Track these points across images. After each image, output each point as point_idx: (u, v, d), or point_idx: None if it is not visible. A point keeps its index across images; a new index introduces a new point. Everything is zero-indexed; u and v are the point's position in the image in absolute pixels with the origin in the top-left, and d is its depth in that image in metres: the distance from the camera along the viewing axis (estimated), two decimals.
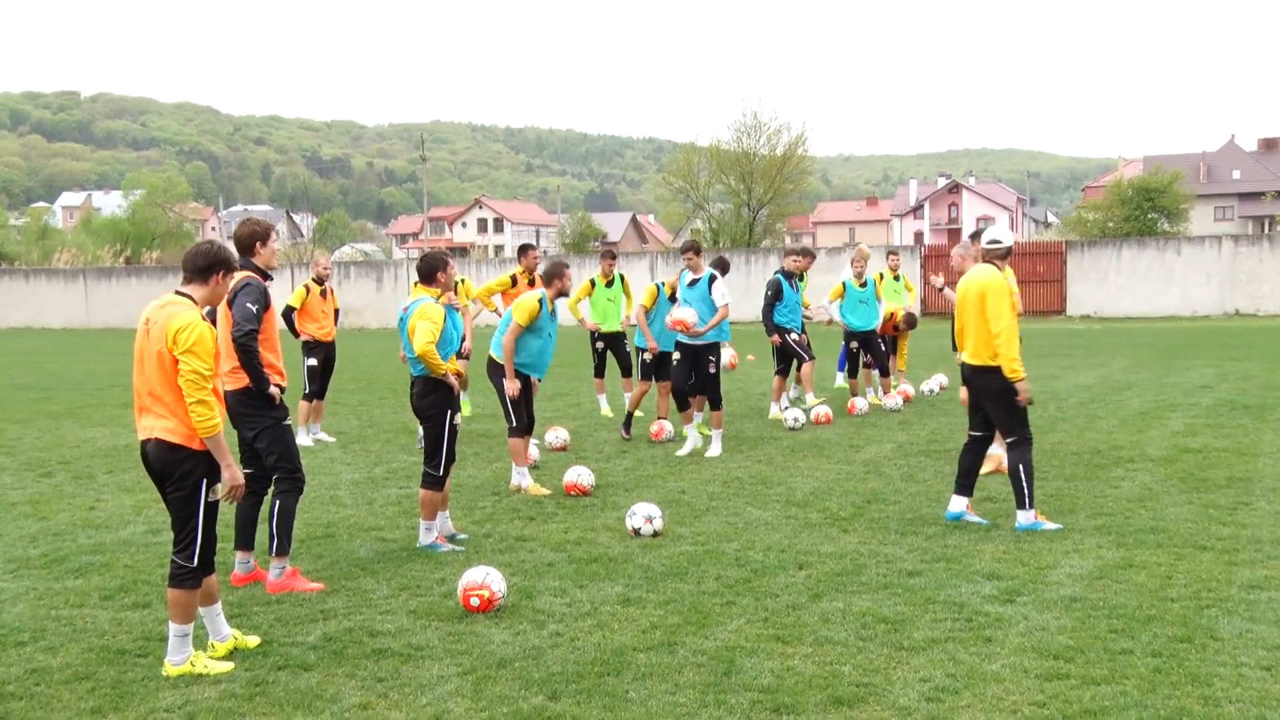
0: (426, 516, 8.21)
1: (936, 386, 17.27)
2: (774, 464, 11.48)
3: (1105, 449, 11.79)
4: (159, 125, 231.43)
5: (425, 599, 6.94)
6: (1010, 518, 8.68)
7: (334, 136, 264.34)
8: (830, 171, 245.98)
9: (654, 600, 6.77)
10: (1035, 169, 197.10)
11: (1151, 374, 19.50)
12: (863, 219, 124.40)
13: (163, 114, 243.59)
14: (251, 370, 7.03)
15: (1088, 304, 39.83)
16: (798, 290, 14.95)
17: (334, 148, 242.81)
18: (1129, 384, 17.95)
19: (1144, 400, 15.82)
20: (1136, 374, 19.39)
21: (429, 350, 7.95)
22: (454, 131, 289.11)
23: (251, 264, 7.27)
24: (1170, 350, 24.40)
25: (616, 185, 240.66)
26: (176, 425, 5.62)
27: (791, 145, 60.19)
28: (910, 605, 6.55)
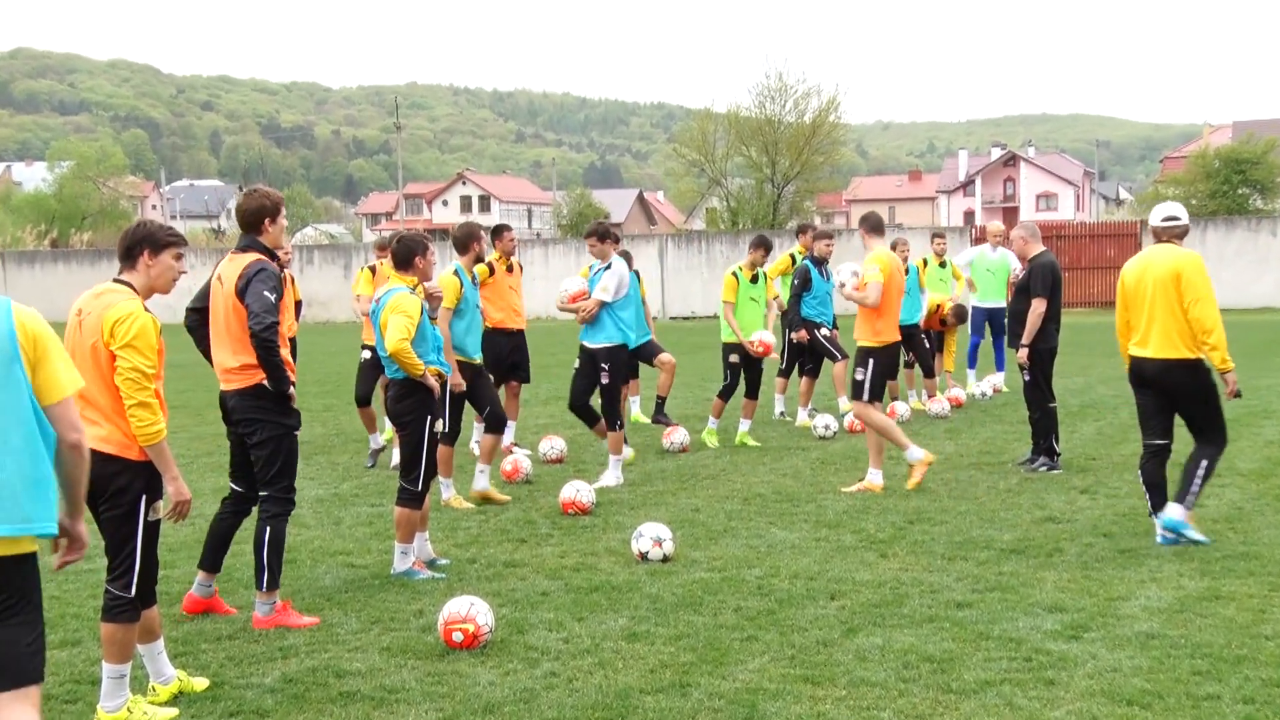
0: (402, 539, 8.22)
1: (989, 389, 17.26)
2: (802, 478, 11.48)
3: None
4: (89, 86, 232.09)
5: (400, 634, 6.95)
6: (1076, 541, 8.67)
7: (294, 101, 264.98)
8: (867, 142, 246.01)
9: (664, 635, 6.77)
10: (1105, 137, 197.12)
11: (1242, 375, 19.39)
12: (904, 196, 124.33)
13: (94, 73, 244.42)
14: (273, 368, 7.03)
15: None
16: (828, 279, 14.96)
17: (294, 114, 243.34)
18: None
19: (1232, 406, 15.76)
20: None
21: (403, 348, 7.97)
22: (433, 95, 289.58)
23: (259, 244, 7.21)
24: (1264, 347, 24.34)
25: (620, 158, 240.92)
26: (111, 432, 5.62)
27: (822, 111, 60.16)
28: (959, 642, 6.54)
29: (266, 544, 7.17)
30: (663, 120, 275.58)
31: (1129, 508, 9.76)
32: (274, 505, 7.22)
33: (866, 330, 10.88)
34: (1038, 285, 11.40)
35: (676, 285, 44.54)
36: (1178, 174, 57.31)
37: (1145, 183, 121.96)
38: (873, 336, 10.84)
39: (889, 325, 10.87)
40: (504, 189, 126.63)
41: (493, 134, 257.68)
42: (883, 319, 10.81)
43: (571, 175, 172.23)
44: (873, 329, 10.84)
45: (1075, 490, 10.55)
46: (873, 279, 10.70)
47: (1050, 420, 11.52)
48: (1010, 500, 10.23)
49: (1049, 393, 11.59)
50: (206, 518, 10.09)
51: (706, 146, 62.56)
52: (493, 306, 13.00)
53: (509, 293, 12.95)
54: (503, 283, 12.92)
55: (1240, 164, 51.85)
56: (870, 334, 10.86)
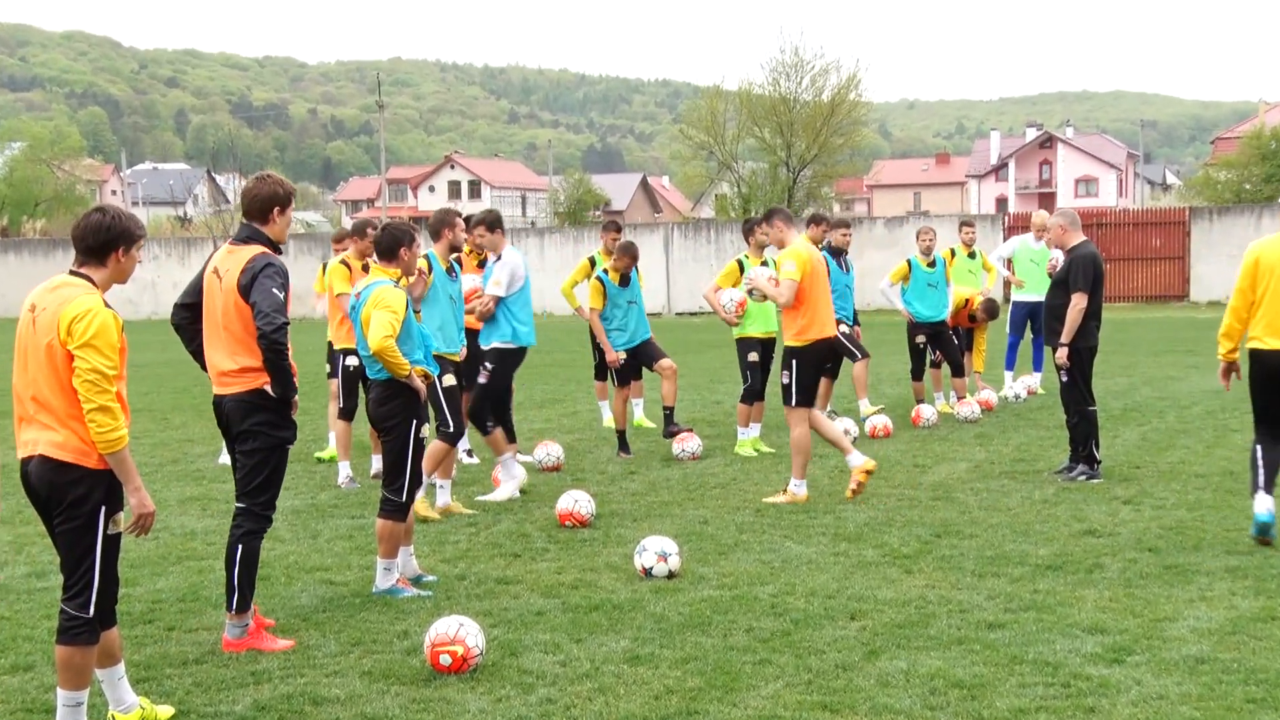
0: (386, 554, 8.23)
1: (1023, 391, 17.25)
2: (819, 487, 11.48)
3: (1239, 470, 11.75)
4: (42, 60, 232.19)
5: (383, 657, 6.95)
6: (1118, 556, 8.68)
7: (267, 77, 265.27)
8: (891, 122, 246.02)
9: (669, 658, 6.78)
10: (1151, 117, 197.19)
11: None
12: (931, 181, 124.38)
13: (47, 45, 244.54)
14: (281, 373, 7.04)
15: (1217, 287, 39.69)
16: (848, 270, 14.97)
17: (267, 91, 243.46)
18: None
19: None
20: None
21: (388, 346, 7.97)
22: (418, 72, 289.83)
23: (262, 235, 7.21)
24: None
25: (622, 140, 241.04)
26: (68, 438, 5.62)
27: (841, 89, 60.24)
28: (991, 666, 6.54)
29: (238, 561, 7.16)
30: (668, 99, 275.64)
31: (1176, 520, 9.76)
32: (250, 520, 7.23)
33: (790, 329, 10.96)
34: (1078, 278, 11.38)
35: (683, 278, 44.52)
36: (1230, 156, 57.29)
37: (1194, 166, 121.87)
38: (796, 336, 10.92)
39: (815, 323, 10.92)
40: (496, 173, 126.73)
41: (483, 114, 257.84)
42: (807, 316, 10.88)
43: (569, 159, 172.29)
44: (796, 327, 10.92)
45: (1117, 501, 10.55)
46: (788, 277, 10.76)
47: (1090, 425, 11.51)
48: (1046, 512, 10.23)
49: (1089, 395, 11.57)
50: (172, 531, 10.16)
51: (716, 127, 62.64)
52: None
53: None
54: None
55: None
56: (794, 333, 10.94)
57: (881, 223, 44.75)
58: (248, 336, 7.03)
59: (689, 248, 44.97)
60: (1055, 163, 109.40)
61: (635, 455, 13.47)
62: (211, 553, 9.30)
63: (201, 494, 11.84)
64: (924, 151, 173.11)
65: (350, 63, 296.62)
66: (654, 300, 42.98)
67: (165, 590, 8.40)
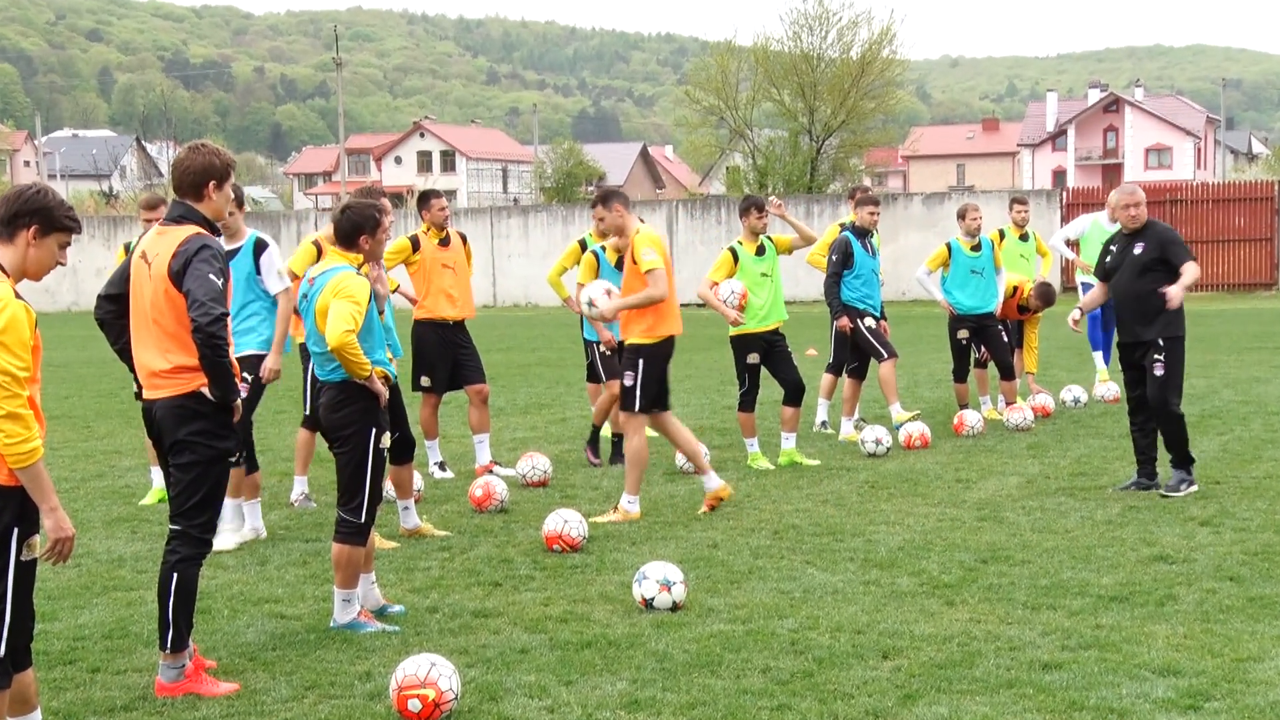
0: (344, 583, 8.24)
1: (1083, 396, 17.26)
2: (846, 506, 11.50)
3: None
4: None
5: (342, 702, 6.97)
6: (1194, 587, 8.69)
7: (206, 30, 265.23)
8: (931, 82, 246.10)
9: (674, 703, 6.80)
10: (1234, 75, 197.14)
11: None
12: (977, 151, 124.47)
13: None
14: (219, 371, 7.03)
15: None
16: (874, 254, 14.93)
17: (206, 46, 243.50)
18: None
19: None
20: None
21: (348, 342, 7.96)
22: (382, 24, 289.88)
23: (197, 213, 7.21)
24: None
25: (619, 104, 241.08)
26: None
27: (873, 44, 60.32)
28: (1046, 713, 6.56)
29: (173, 592, 7.15)
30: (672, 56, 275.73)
31: (1262, 544, 9.77)
32: (186, 545, 7.22)
33: (638, 325, 11.06)
34: (1182, 251, 11.73)
35: (689, 263, 44.47)
36: None
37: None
38: (645, 333, 11.02)
39: (667, 318, 11.09)
40: (472, 142, 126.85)
41: (458, 74, 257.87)
42: (657, 311, 11.02)
43: (558, 126, 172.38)
44: (645, 323, 11.03)
45: (1194, 522, 10.56)
46: (652, 264, 10.87)
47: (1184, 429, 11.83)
48: (1110, 534, 10.25)
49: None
50: (97, 557, 10.17)
51: (727, 89, 62.67)
52: (420, 292, 13.02)
53: (443, 273, 12.95)
54: (433, 261, 12.92)
55: None
56: (642, 329, 11.04)
57: (919, 199, 44.81)
58: (181, 330, 7.03)
59: (696, 229, 45.01)
60: (1122, 129, 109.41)
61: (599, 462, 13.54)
62: (142, 582, 9.30)
63: (131, 514, 11.86)
64: (969, 117, 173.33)
65: (303, 13, 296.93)
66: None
67: (89, 626, 8.41)
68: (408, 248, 13.02)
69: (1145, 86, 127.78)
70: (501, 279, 46.65)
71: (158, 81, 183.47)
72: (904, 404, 15.80)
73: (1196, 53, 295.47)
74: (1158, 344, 11.66)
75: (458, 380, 13.25)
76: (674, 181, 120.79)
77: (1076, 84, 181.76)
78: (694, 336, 30.65)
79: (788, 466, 13.42)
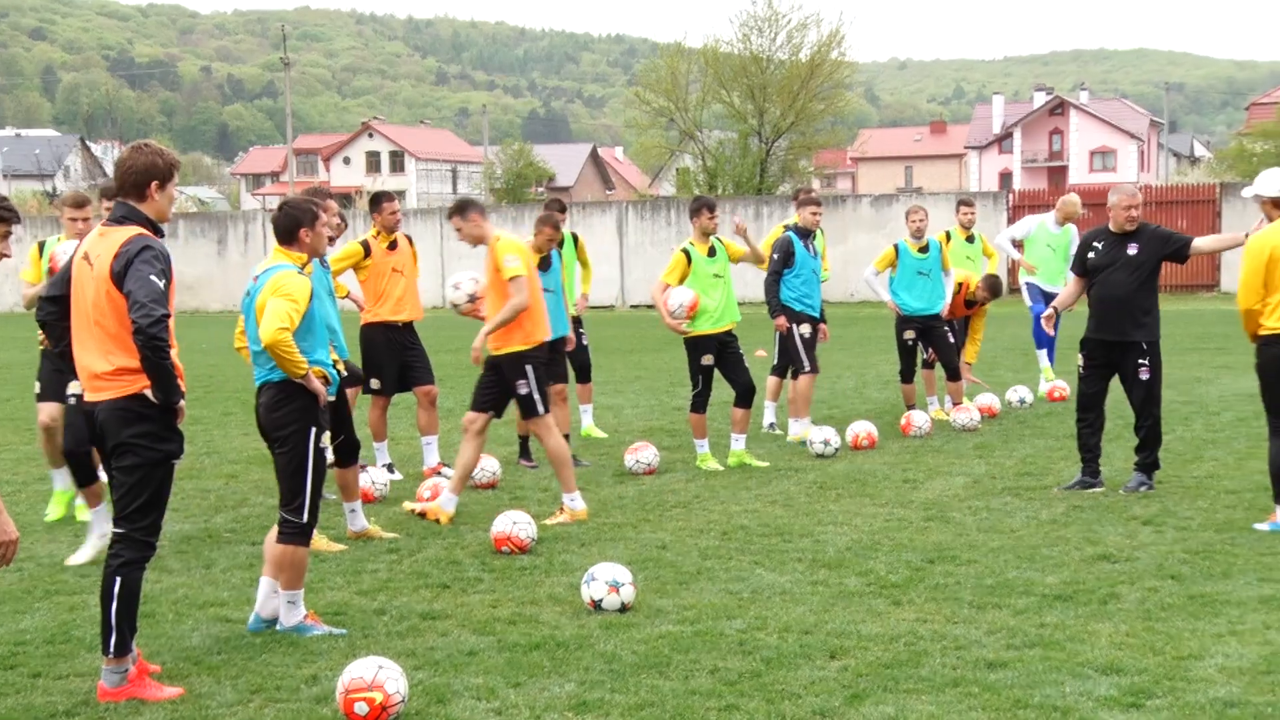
0: (289, 584, 8.21)
1: (1029, 396, 17.37)
2: (794, 507, 11.54)
3: None
4: None
5: (288, 706, 6.94)
6: (1136, 585, 8.77)
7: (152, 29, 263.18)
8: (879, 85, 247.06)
9: (622, 704, 6.80)
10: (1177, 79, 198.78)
11: None
12: (925, 153, 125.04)
13: None
14: (162, 375, 6.97)
15: None
16: (815, 254, 14.86)
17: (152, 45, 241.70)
18: None
19: None
20: None
21: (281, 339, 7.91)
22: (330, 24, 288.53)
23: (139, 214, 7.17)
24: None
25: (569, 105, 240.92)
26: None
27: (822, 46, 60.47)
28: (991, 711, 6.60)
29: (117, 596, 7.10)
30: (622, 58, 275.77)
31: (1203, 543, 9.87)
32: (130, 549, 7.17)
33: (516, 333, 11.15)
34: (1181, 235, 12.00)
35: (639, 264, 44.59)
36: (1267, 124, 57.97)
37: (1226, 135, 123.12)
38: (524, 339, 11.14)
39: (539, 322, 11.30)
40: (421, 143, 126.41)
41: (407, 74, 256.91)
42: (531, 316, 11.18)
43: (507, 126, 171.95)
44: (522, 331, 11.16)
45: (1136, 521, 10.65)
46: (515, 271, 10.97)
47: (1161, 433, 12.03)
48: (1055, 534, 10.33)
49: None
50: (38, 560, 10.09)
51: (677, 91, 62.68)
52: (370, 296, 12.98)
53: (392, 277, 12.95)
54: (382, 265, 12.91)
55: None
56: (520, 337, 11.16)
57: (868, 201, 45.00)
58: (123, 332, 6.98)
59: (646, 230, 45.02)
60: (1067, 132, 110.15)
61: (584, 470, 13.49)
62: (85, 586, 9.23)
63: (73, 517, 11.75)
64: (917, 119, 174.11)
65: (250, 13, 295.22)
66: (606, 290, 43.04)
67: (30, 630, 8.34)
68: (359, 253, 13.00)
69: (1090, 90, 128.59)
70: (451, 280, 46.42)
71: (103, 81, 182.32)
72: (830, 412, 15.84)
73: (1140, 56, 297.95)
74: (1143, 348, 11.74)
75: (406, 382, 13.24)
76: (624, 183, 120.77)
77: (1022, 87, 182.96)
78: (644, 337, 30.70)
79: (737, 468, 13.45)
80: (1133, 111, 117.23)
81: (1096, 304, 11.97)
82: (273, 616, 8.33)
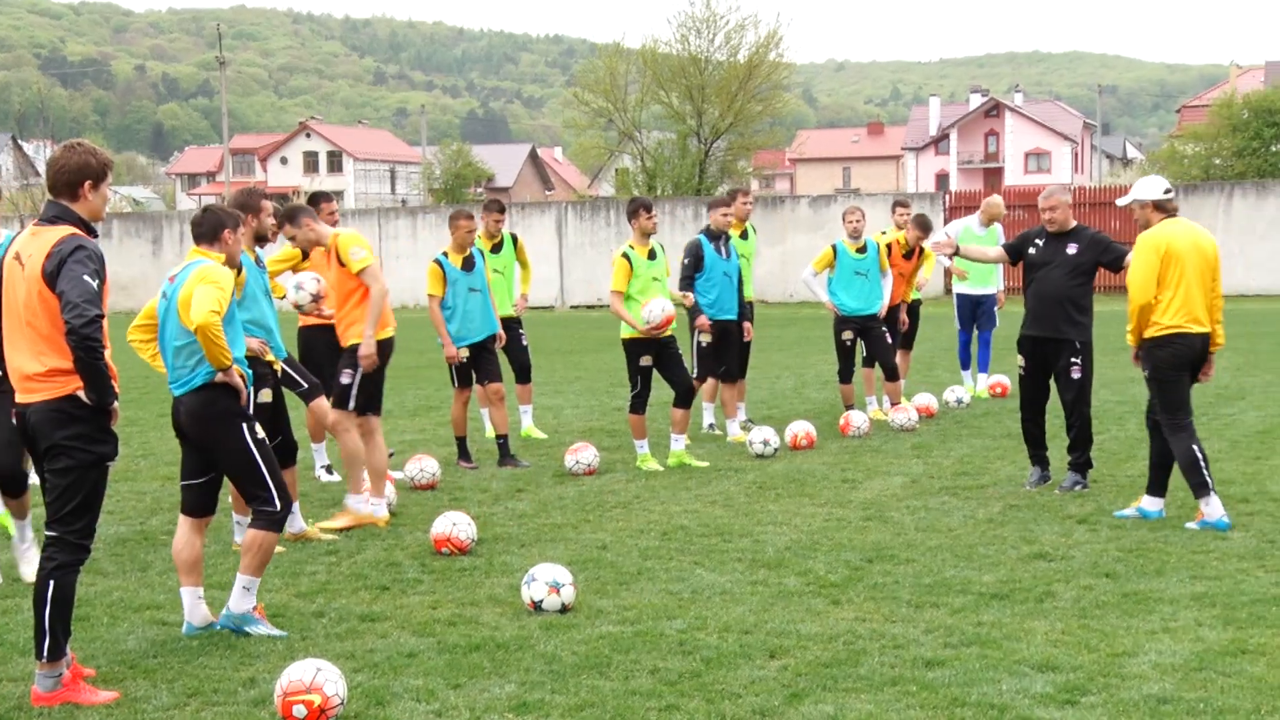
0: (250, 569, 8.15)
1: (966, 397, 17.49)
2: (734, 507, 11.56)
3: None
4: None
5: (226, 709, 6.89)
6: (1071, 583, 8.84)
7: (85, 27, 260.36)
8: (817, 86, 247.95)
9: (562, 704, 6.80)
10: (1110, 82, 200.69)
11: (1276, 377, 19.93)
12: (862, 155, 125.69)
13: None
14: (95, 375, 6.91)
15: None
16: (729, 257, 14.70)
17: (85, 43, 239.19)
18: (1242, 391, 18.36)
19: (1264, 415, 16.19)
20: (1253, 376, 19.82)
21: (213, 322, 7.81)
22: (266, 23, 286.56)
23: (73, 214, 7.10)
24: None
25: (508, 105, 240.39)
26: None
27: (760, 47, 60.64)
28: (929, 709, 6.65)
29: (50, 600, 7.04)
30: (560, 58, 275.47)
31: (1136, 541, 9.97)
32: (63, 551, 7.11)
33: (359, 326, 11.17)
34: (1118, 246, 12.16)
35: (579, 265, 44.58)
36: (1198, 127, 58.45)
37: (1158, 138, 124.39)
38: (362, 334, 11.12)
39: (384, 317, 11.30)
40: (359, 143, 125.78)
41: (344, 73, 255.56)
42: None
43: (446, 127, 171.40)
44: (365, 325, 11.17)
45: (1071, 520, 10.74)
46: (364, 262, 11.02)
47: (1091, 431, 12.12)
48: (991, 533, 10.40)
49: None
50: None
51: (616, 92, 62.68)
52: None
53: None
54: (319, 266, 12.83)
55: (1274, 114, 52.92)
56: (357, 333, 11.18)
57: (806, 202, 45.18)
58: (55, 333, 6.92)
59: (586, 230, 45.00)
60: (1003, 134, 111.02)
61: (524, 471, 13.48)
62: (18, 590, 9.14)
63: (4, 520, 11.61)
64: (854, 121, 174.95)
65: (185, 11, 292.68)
66: (545, 291, 42.99)
67: None
68: (297, 255, 12.91)
69: (1025, 92, 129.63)
70: (390, 280, 46.12)
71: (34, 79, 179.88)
72: (770, 412, 15.88)
73: (1074, 59, 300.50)
74: (1076, 347, 11.84)
75: None
76: (563, 183, 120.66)
77: (959, 89, 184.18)
78: (584, 338, 30.69)
79: (677, 468, 13.47)
80: (1066, 114, 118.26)
81: (1033, 301, 12.06)
82: (205, 624, 8.27)
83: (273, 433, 9.88)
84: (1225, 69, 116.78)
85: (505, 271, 15.15)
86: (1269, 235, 40.04)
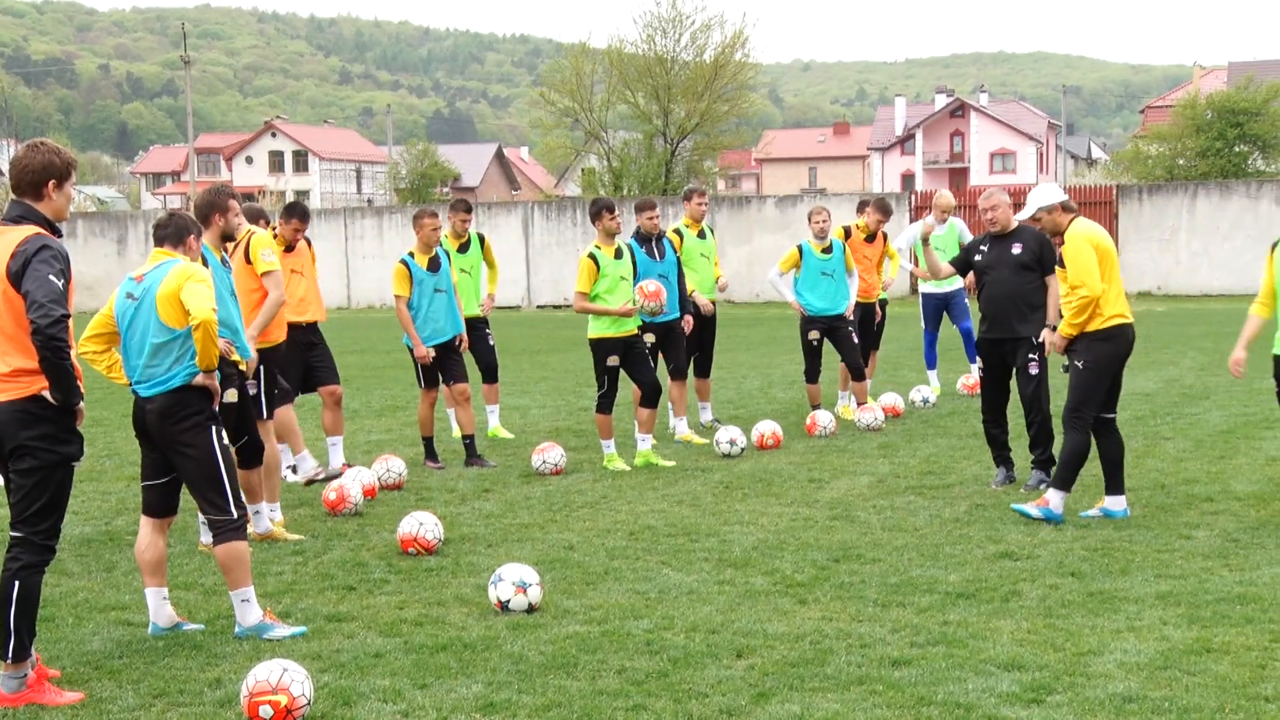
0: (237, 583, 8.10)
1: (932, 396, 17.54)
2: (701, 507, 11.57)
3: (1173, 484, 12.12)
4: None
5: (191, 710, 6.87)
6: (1037, 583, 8.88)
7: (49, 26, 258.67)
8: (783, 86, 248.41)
9: (529, 705, 6.79)
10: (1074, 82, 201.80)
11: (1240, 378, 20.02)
12: (828, 155, 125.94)
13: None
14: (60, 376, 6.86)
15: (1148, 276, 40.84)
16: (662, 257, 14.64)
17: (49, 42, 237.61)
18: (1206, 391, 18.46)
19: (1228, 415, 16.28)
20: (1217, 376, 19.92)
21: (213, 319, 7.81)
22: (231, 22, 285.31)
23: (37, 213, 7.07)
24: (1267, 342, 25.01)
25: (474, 105, 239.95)
26: None
27: (726, 47, 60.78)
28: (896, 709, 6.66)
29: (15, 601, 7.01)
30: (527, 58, 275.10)
31: (1101, 540, 10.01)
32: (28, 552, 7.08)
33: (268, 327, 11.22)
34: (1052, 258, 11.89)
35: (546, 264, 44.55)
36: (1161, 127, 58.76)
37: (1122, 138, 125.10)
38: (261, 338, 11.08)
39: (279, 321, 11.39)
40: (325, 143, 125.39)
41: (310, 73, 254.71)
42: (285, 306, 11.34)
43: (412, 126, 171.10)
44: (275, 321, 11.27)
45: (1036, 519, 10.78)
46: (270, 265, 11.03)
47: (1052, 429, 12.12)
48: (958, 532, 10.44)
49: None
50: None
51: (582, 91, 62.71)
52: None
53: (292, 278, 12.83)
54: (281, 267, 12.79)
55: (1237, 115, 53.22)
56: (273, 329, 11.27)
57: (772, 202, 45.23)
58: (20, 333, 6.89)
59: (552, 230, 44.98)
60: (968, 134, 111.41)
61: (491, 471, 13.46)
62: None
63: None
64: (820, 121, 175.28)
65: (149, 10, 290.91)
66: (512, 291, 42.95)
67: None
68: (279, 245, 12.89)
69: (990, 92, 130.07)
70: (356, 280, 46.24)
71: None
72: (736, 412, 15.90)
73: (1039, 60, 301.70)
74: (1032, 343, 11.88)
75: (311, 382, 13.12)
76: (529, 183, 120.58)
77: (924, 89, 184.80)
78: (551, 338, 30.67)
79: (643, 468, 13.47)
80: (1031, 114, 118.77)
81: (986, 304, 12.13)
82: (170, 624, 8.23)
83: (238, 434, 9.84)
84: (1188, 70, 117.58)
85: (472, 271, 15.12)
86: (1232, 235, 40.26)
